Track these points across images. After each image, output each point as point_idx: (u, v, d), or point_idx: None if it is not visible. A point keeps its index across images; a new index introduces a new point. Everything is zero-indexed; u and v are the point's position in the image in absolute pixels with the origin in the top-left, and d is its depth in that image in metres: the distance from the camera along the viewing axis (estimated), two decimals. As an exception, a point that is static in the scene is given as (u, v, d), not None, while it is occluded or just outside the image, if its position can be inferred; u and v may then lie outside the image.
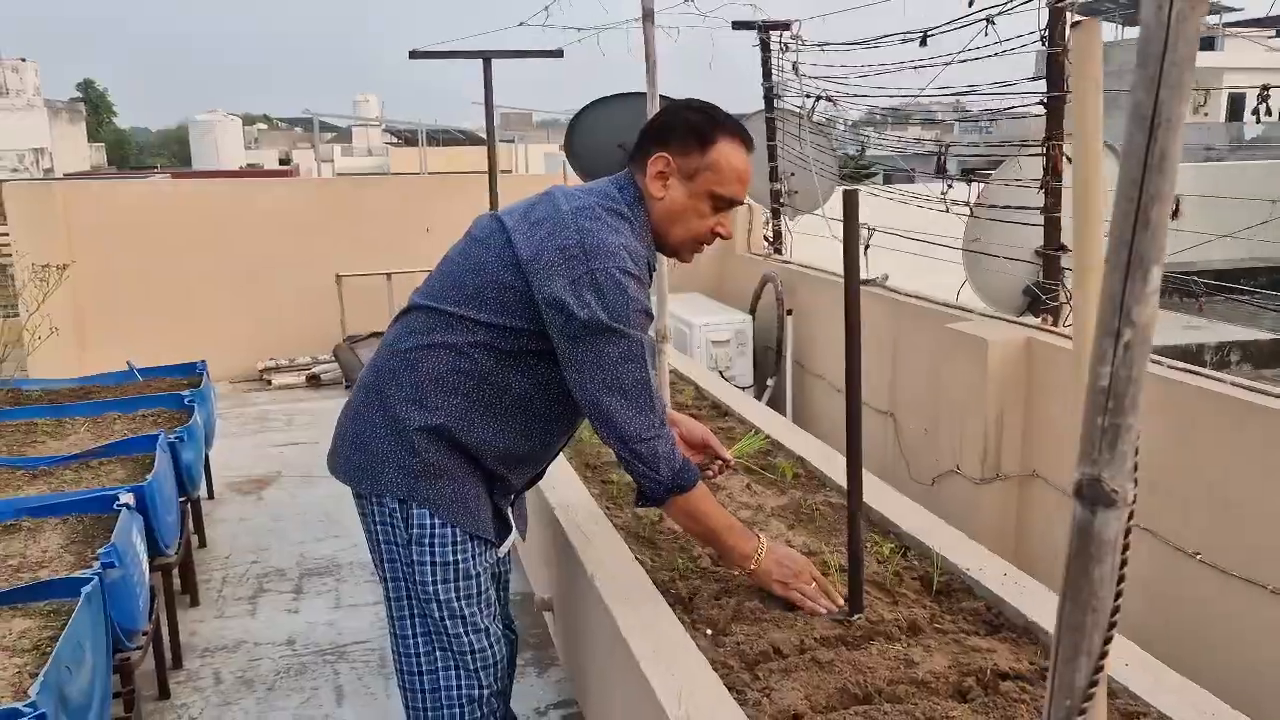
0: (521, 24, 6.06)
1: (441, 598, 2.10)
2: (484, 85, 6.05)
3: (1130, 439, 0.94)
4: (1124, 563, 0.97)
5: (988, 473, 3.76)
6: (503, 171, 13.98)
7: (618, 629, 2.05)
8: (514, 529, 2.27)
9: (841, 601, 2.13)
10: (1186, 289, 3.48)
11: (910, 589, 2.25)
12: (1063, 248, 3.72)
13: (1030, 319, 4.13)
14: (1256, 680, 2.84)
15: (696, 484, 2.08)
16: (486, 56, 6.00)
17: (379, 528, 2.13)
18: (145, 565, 3.16)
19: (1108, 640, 0.99)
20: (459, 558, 2.09)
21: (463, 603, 2.11)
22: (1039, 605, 2.11)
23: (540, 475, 2.36)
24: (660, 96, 6.47)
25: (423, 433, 2.05)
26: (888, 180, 13.70)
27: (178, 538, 3.70)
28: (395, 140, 31.61)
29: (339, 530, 4.74)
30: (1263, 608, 2.88)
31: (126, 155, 49.36)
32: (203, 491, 4.70)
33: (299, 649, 3.69)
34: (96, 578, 2.64)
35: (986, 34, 3.79)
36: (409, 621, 2.15)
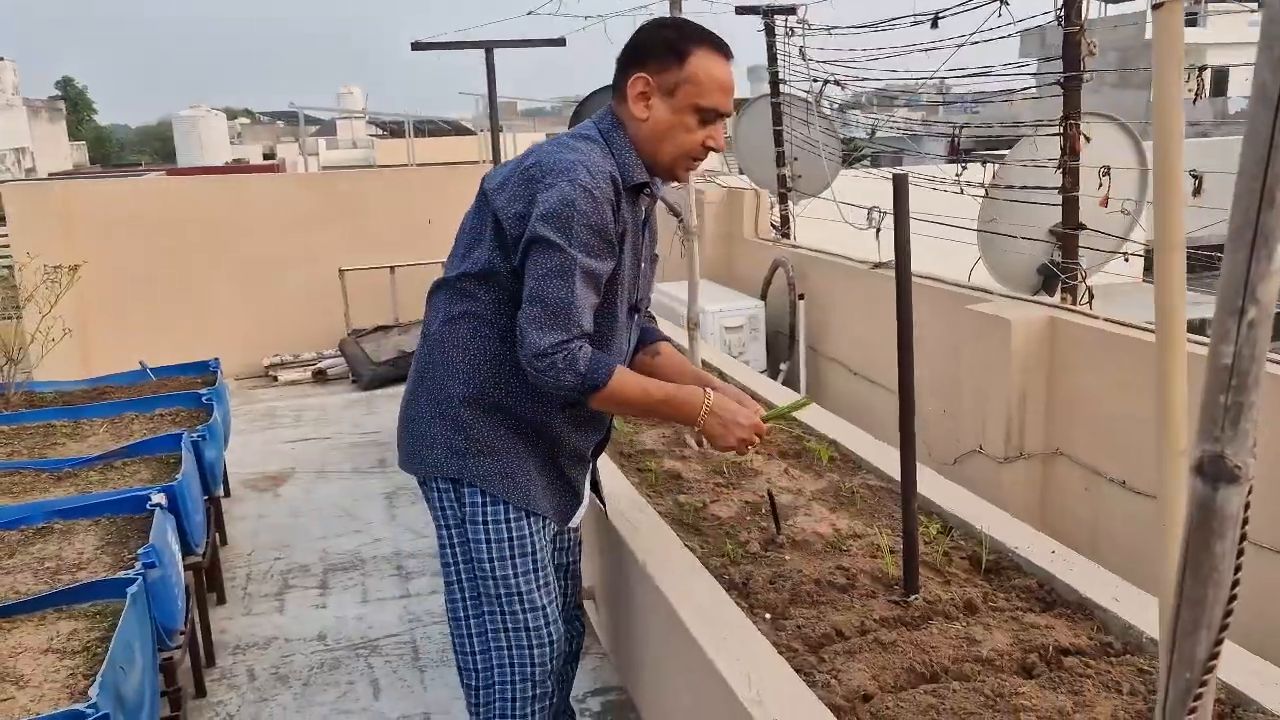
0: (530, 13, 6.04)
1: (498, 574, 2.10)
2: (487, 75, 6.03)
3: (1252, 416, 0.95)
4: (1243, 537, 0.99)
5: (1011, 452, 3.78)
6: (490, 162, 13.97)
7: (676, 615, 2.06)
8: (585, 498, 2.27)
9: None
10: (1210, 264, 3.51)
11: (960, 568, 2.28)
12: (1081, 226, 3.74)
13: (1046, 298, 4.15)
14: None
15: (612, 376, 1.99)
16: (489, 47, 5.99)
17: (437, 511, 2.17)
18: (180, 565, 3.16)
19: (1228, 614, 1.00)
20: (514, 534, 2.10)
21: (520, 579, 2.11)
22: (1089, 581, 2.13)
23: (607, 437, 2.32)
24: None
25: (466, 405, 2.07)
26: (876, 163, 13.69)
27: (206, 537, 3.71)
28: (380, 132, 31.43)
29: (359, 525, 4.74)
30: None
31: (108, 153, 48.97)
32: (220, 490, 4.69)
33: (330, 644, 3.69)
34: (140, 578, 2.64)
35: (1000, 15, 3.80)
36: (464, 603, 2.17)
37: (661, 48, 2.03)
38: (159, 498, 3.20)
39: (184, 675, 3.28)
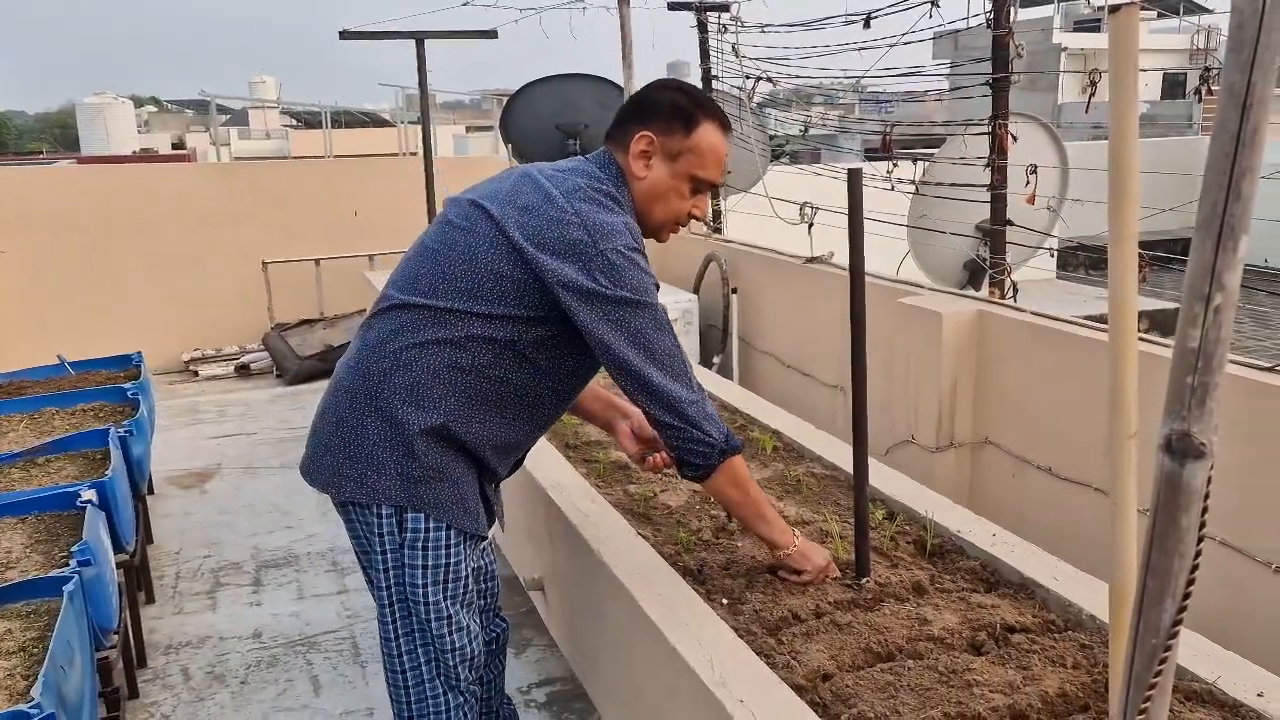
0: (466, 3, 5.98)
1: (430, 599, 2.09)
2: (418, 67, 5.96)
3: (1216, 396, 1.01)
4: (1205, 510, 1.06)
5: (942, 441, 3.90)
6: (410, 154, 13.77)
7: (636, 603, 2.09)
8: (496, 518, 2.28)
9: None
10: (1140, 261, 3.66)
11: (906, 552, 2.35)
12: (1008, 223, 3.87)
13: (974, 292, 4.29)
14: None
15: (740, 449, 2.08)
16: (419, 38, 5.92)
17: (371, 535, 2.09)
18: (113, 563, 3.08)
19: (1190, 583, 1.06)
20: (452, 559, 2.09)
21: (448, 602, 2.11)
22: (1029, 562, 2.22)
23: (521, 461, 2.35)
24: (588, 76, 6.47)
25: (424, 435, 2.01)
26: (795, 160, 13.90)
27: (136, 534, 3.61)
28: (295, 123, 30.72)
29: (291, 521, 4.67)
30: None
31: (4, 140, 46.88)
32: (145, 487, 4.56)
33: (267, 641, 3.63)
34: (77, 576, 2.57)
35: (931, 16, 3.91)
36: (394, 624, 2.14)
37: (670, 111, 2.06)
38: (89, 494, 3.11)
39: (117, 676, 3.20)
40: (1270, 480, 2.85)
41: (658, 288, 2.05)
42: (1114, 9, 1.36)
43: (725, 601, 2.13)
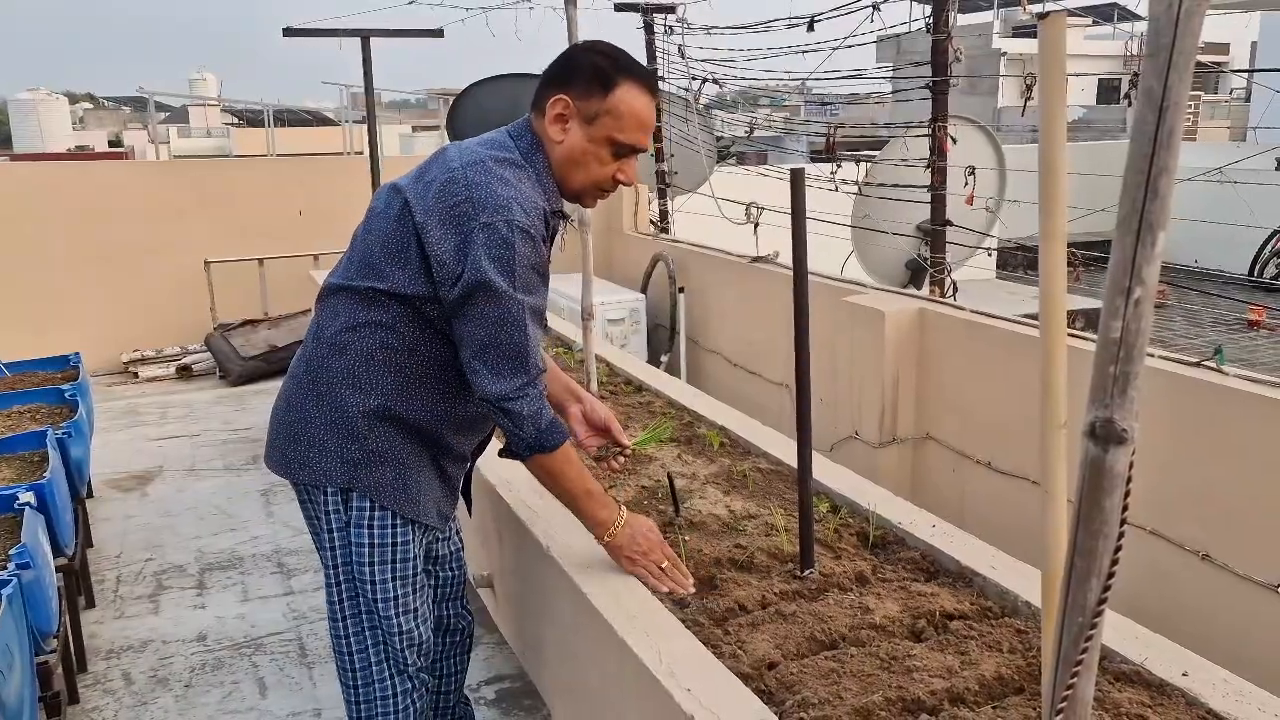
0: (412, 2, 5.95)
1: (376, 579, 2.11)
2: (363, 65, 5.92)
3: (1137, 385, 1.06)
4: (1128, 493, 1.11)
5: (885, 437, 3.98)
6: (356, 153, 13.63)
7: (585, 598, 2.11)
8: (456, 502, 2.29)
9: (691, 585, 2.14)
10: (1071, 260, 3.77)
11: (849, 544, 2.40)
12: (948, 223, 3.96)
13: (915, 291, 4.37)
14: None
15: (560, 446, 2.06)
16: (365, 36, 5.87)
17: (319, 515, 2.13)
18: (52, 566, 3.03)
19: (1114, 563, 1.11)
20: (397, 541, 2.11)
21: (396, 583, 2.13)
22: (968, 551, 2.28)
23: (488, 439, 2.35)
24: (535, 75, 6.48)
25: (365, 417, 2.04)
26: (742, 161, 14.03)
27: (75, 537, 3.55)
28: (236, 121, 30.22)
29: (234, 524, 4.61)
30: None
31: (-69, 136, 45.44)
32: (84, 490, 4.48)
33: (211, 644, 3.59)
34: (15, 579, 2.53)
35: (872, 20, 3.98)
36: (341, 604, 2.16)
37: (589, 73, 1.99)
38: (27, 496, 3.06)
39: (57, 681, 3.14)
40: (1198, 471, 2.96)
41: (542, 273, 1.99)
42: (1042, 17, 1.41)
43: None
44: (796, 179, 2.07)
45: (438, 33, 6.05)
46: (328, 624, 2.23)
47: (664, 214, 6.33)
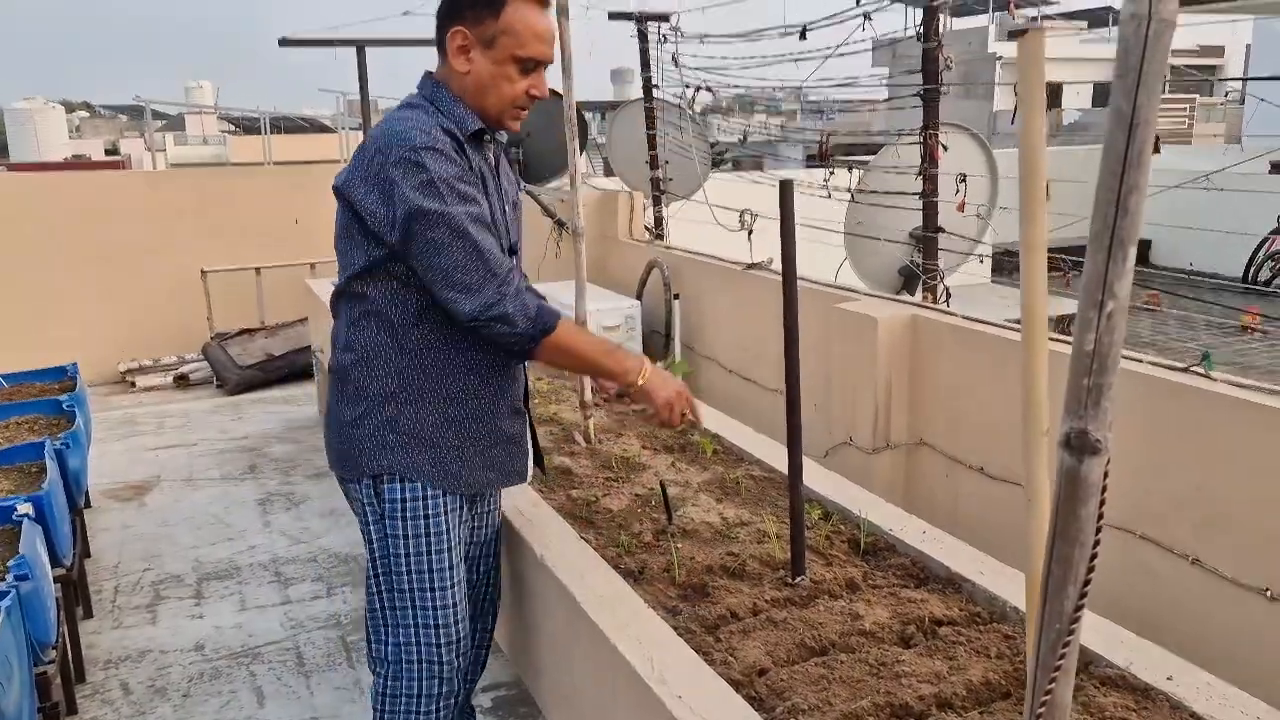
0: (406, 13, 5.98)
1: (413, 569, 2.15)
2: (359, 74, 5.96)
3: (1110, 396, 1.09)
4: (1103, 502, 1.13)
5: (878, 443, 4.00)
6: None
7: (578, 605, 2.13)
8: (529, 460, 2.34)
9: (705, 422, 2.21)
10: (1055, 265, 3.80)
11: (840, 551, 2.42)
12: (940, 229, 3.99)
13: (908, 297, 4.40)
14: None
15: (559, 321, 2.09)
16: (360, 45, 5.91)
17: (362, 510, 2.20)
18: (51, 577, 3.04)
19: (1090, 570, 1.14)
20: (431, 526, 2.15)
21: (434, 575, 2.16)
22: (957, 558, 2.31)
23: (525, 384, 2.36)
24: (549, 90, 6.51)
25: (390, 400, 2.12)
26: (738, 167, 14.07)
27: (73, 548, 3.57)
28: (233, 129, 30.26)
29: (232, 533, 4.62)
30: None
31: (-73, 146, 45.44)
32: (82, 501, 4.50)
33: (209, 654, 3.60)
34: (14, 590, 2.55)
35: (864, 29, 4.01)
36: (380, 596, 2.23)
37: (478, 0, 2.05)
38: (25, 508, 3.07)
39: (56, 691, 3.16)
40: (1187, 476, 2.98)
41: (471, 183, 2.03)
42: (1019, 33, 1.44)
43: (665, 601, 2.19)
44: (785, 191, 2.09)
45: (433, 42, 6.08)
46: (367, 619, 2.29)
47: (659, 220, 6.35)
